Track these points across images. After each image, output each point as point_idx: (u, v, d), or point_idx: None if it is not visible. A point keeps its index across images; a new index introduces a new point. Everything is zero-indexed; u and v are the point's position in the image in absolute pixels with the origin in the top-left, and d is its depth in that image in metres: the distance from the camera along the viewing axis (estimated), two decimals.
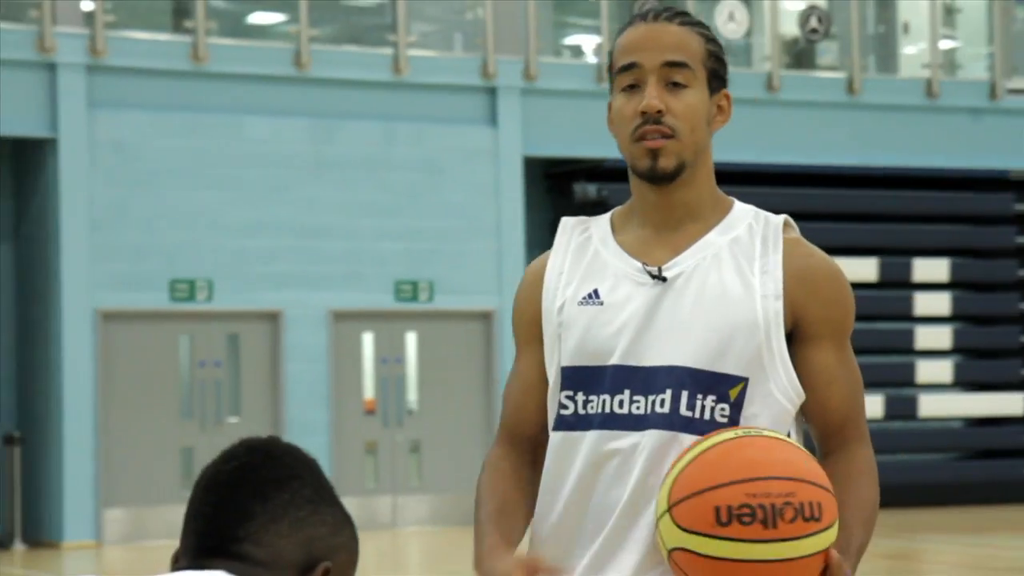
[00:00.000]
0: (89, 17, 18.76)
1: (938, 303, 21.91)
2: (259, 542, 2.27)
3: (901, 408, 21.42)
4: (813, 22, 22.12)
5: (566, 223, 3.16)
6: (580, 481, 2.97)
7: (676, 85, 2.96)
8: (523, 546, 3.06)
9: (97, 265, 18.40)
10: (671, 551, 2.73)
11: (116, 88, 18.72)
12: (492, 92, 20.31)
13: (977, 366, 22.11)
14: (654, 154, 2.94)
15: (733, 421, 2.88)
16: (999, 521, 18.98)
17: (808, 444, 3.00)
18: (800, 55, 22.43)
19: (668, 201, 3.00)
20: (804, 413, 2.98)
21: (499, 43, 20.36)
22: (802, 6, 22.16)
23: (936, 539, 17.74)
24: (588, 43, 21.91)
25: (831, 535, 2.71)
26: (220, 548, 2.28)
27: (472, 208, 20.07)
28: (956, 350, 22.06)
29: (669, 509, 2.72)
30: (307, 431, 18.83)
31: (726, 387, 2.89)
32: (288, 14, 20.22)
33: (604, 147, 20.30)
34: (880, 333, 21.52)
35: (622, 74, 2.99)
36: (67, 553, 17.81)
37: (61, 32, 18.50)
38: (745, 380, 2.90)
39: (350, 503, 12.88)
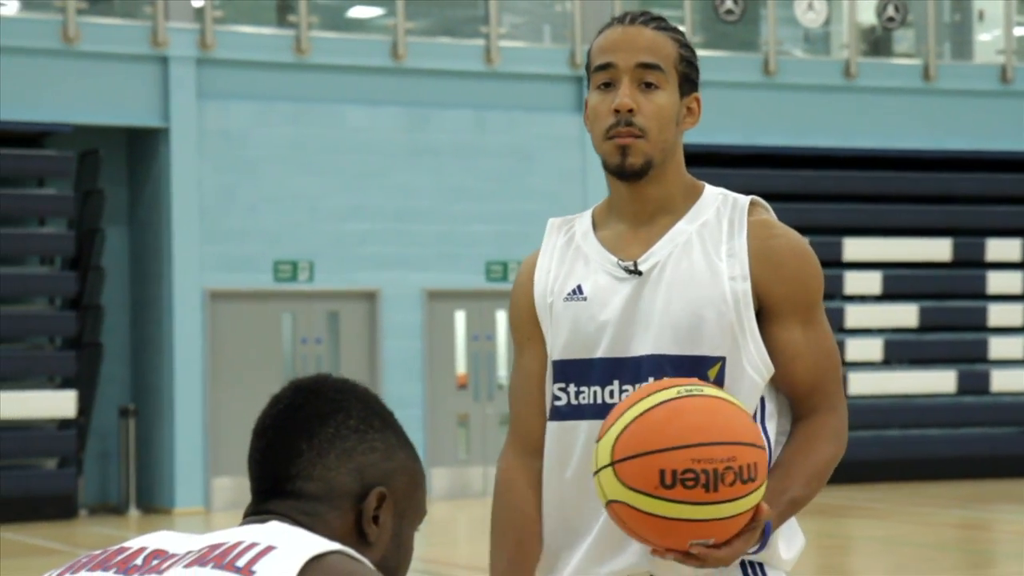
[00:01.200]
0: (199, 13, 18.89)
1: (1010, 282, 21.76)
2: (310, 477, 2.24)
3: (974, 383, 21.27)
4: (890, 11, 22.00)
5: (552, 224, 3.17)
6: (578, 469, 2.98)
7: (648, 86, 2.98)
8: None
9: (206, 248, 18.58)
10: (610, 502, 2.75)
11: (224, 80, 18.87)
12: (579, 81, 20.27)
13: None
14: (623, 151, 2.96)
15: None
16: None
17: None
18: (877, 43, 22.33)
19: (640, 196, 3.02)
20: (774, 384, 2.98)
21: (586, 33, 20.34)
22: None
23: (1007, 509, 17.63)
24: None
25: (762, 491, 2.75)
26: (275, 489, 2.26)
27: (559, 192, 20.01)
28: None
29: (612, 464, 2.72)
30: (402, 404, 18.70)
31: (704, 368, 2.91)
32: (385, 8, 20.30)
33: (687, 133, 20.36)
34: (954, 311, 21.45)
35: (598, 73, 3.02)
36: (178, 519, 17.90)
37: (173, 27, 18.63)
38: (722, 360, 2.92)
39: (443, 473, 13.20)
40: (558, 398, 3.03)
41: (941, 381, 21.11)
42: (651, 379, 2.91)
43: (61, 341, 18.55)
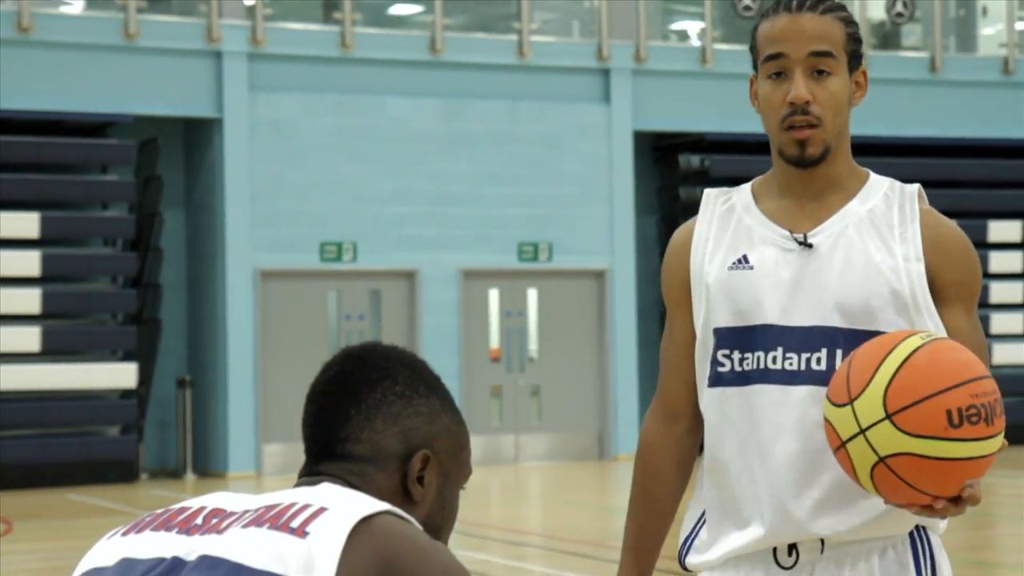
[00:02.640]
0: (250, 11, 18.95)
1: (1011, 261, 21.75)
2: (358, 440, 2.22)
3: None
4: (899, 7, 21.98)
5: (708, 194, 3.04)
6: (760, 432, 2.86)
7: (820, 73, 2.84)
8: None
9: (257, 230, 18.63)
10: (888, 457, 2.57)
11: (274, 73, 18.89)
12: (606, 73, 20.31)
13: None
14: (802, 144, 2.84)
15: None
16: None
17: None
18: (886, 37, 22.32)
19: (811, 176, 2.90)
20: None
21: (612, 29, 20.38)
22: None
23: (1007, 474, 17.59)
24: (692, 28, 21.87)
25: None
26: (326, 451, 2.24)
27: (587, 178, 20.06)
28: None
29: (889, 416, 2.56)
30: (439, 376, 19.02)
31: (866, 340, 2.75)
32: (424, 5, 20.30)
33: (706, 122, 20.44)
34: None
35: (768, 62, 2.86)
36: (232, 483, 17.94)
37: (226, 24, 18.71)
38: (874, 331, 2.79)
39: (477, 441, 13.27)
40: (721, 364, 2.91)
41: None
42: (824, 350, 2.81)
43: (123, 317, 18.59)
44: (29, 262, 17.89)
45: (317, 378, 2.27)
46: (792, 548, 2.87)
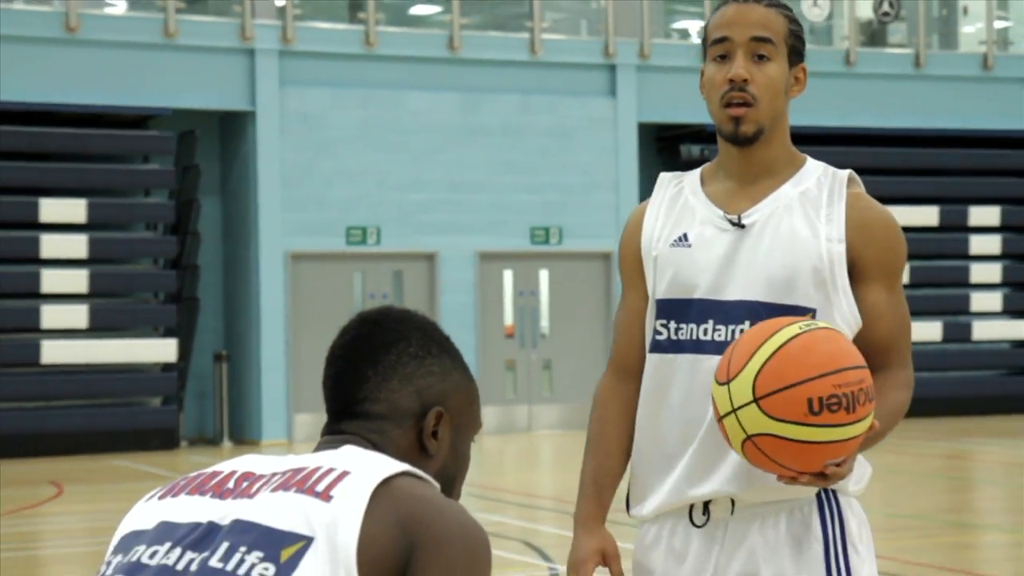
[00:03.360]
0: (281, 11, 18.95)
1: (990, 244, 21.71)
2: (376, 399, 2.20)
3: (957, 333, 21.25)
4: (885, 6, 21.94)
5: (663, 178, 3.06)
6: (675, 398, 2.91)
7: (760, 58, 2.86)
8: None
9: (287, 215, 18.64)
10: (754, 436, 2.61)
11: (303, 69, 18.88)
12: (612, 69, 20.28)
13: (1021, 296, 21.83)
14: (737, 121, 2.85)
15: None
16: None
17: None
18: (873, 35, 22.27)
19: (748, 158, 2.91)
20: (855, 339, 2.86)
21: (618, 27, 20.36)
22: None
23: (986, 442, 17.65)
24: (693, 27, 21.83)
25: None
26: (346, 411, 2.22)
27: (595, 166, 20.04)
28: (1005, 284, 21.82)
29: (756, 400, 2.59)
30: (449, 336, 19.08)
31: (797, 316, 2.79)
32: (443, 5, 20.32)
33: (706, 114, 20.30)
34: (940, 269, 21.43)
35: (715, 46, 2.89)
36: (265, 450, 17.85)
37: (258, 23, 18.70)
38: (813, 311, 2.83)
39: (493, 412, 13.41)
40: (659, 333, 2.94)
41: (929, 331, 21.10)
42: (747, 323, 2.84)
43: (164, 296, 18.61)
44: (77, 245, 17.92)
45: (335, 341, 2.26)
46: (705, 507, 2.91)
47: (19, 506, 12.84)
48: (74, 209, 17.93)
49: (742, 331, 2.82)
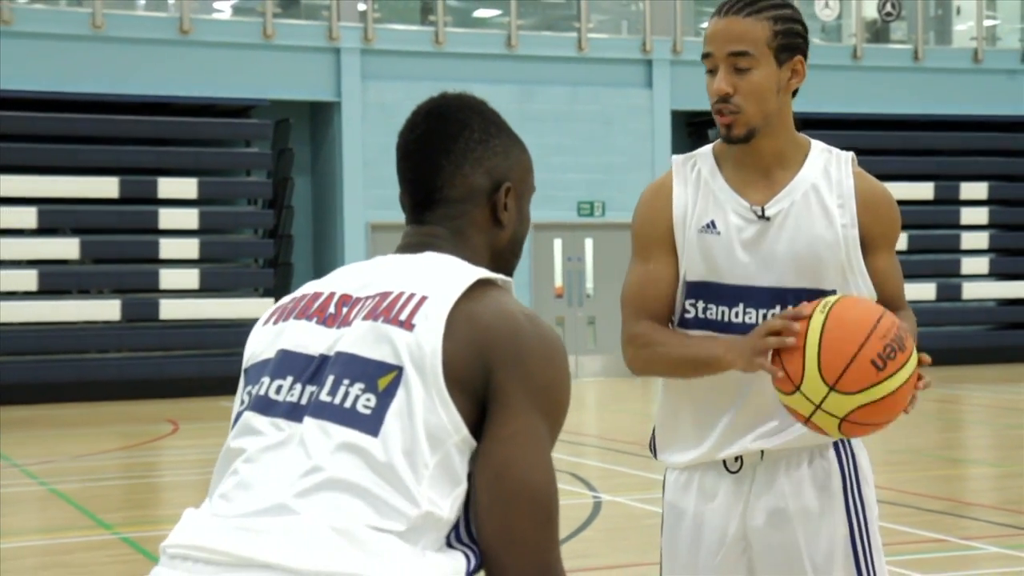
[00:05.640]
0: (363, 14, 18.95)
1: (979, 215, 21.58)
2: (453, 185, 2.09)
3: (949, 293, 21.15)
4: (888, 7, 21.74)
5: (676, 160, 2.88)
6: (712, 392, 2.82)
7: (741, 70, 2.70)
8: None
9: (368, 192, 18.63)
10: (847, 415, 2.53)
11: (381, 65, 18.88)
12: (649, 63, 20.23)
13: (1008, 261, 21.69)
14: (728, 127, 2.73)
15: None
16: (1022, 375, 18.81)
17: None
18: (877, 32, 22.09)
19: (755, 151, 2.77)
20: None
21: (654, 26, 20.29)
22: None
23: (974, 388, 17.58)
24: None
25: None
26: (428, 200, 2.10)
27: (633, 149, 19.98)
28: (992, 250, 21.67)
29: (832, 388, 2.51)
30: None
31: (813, 295, 2.73)
32: (502, 8, 20.28)
33: None
34: (934, 237, 21.30)
35: (704, 59, 2.75)
36: None
37: (343, 26, 18.72)
38: (834, 291, 2.74)
39: None
40: (687, 311, 2.82)
41: (924, 291, 21.00)
42: (777, 307, 2.74)
43: (263, 262, 18.71)
44: (189, 218, 18.02)
45: (405, 138, 2.12)
46: (738, 458, 2.85)
47: (141, 440, 13.02)
48: (187, 187, 18.02)
49: (773, 315, 2.72)
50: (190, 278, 17.93)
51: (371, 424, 1.84)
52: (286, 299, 2.08)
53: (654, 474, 10.14)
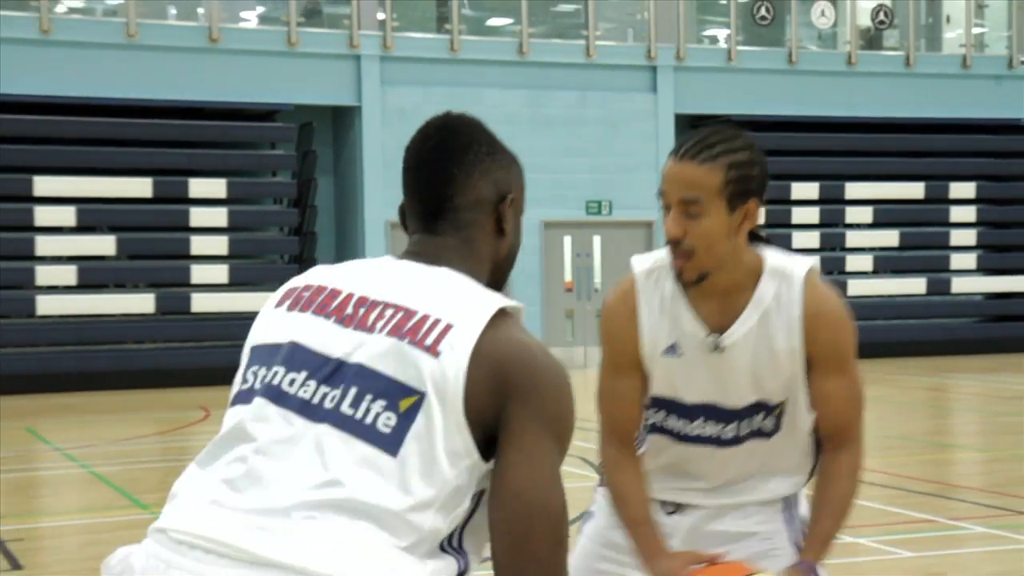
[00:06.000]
0: (382, 23, 18.98)
1: (967, 213, 21.56)
2: (464, 194, 2.08)
3: (939, 287, 21.12)
4: (881, 16, 21.75)
5: (639, 274, 2.76)
6: (663, 459, 2.84)
7: (692, 215, 2.57)
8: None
9: (387, 192, 18.63)
10: None
11: (399, 71, 18.90)
12: (653, 69, 20.24)
13: (995, 257, 21.68)
14: (679, 271, 2.63)
15: (778, 427, 2.73)
16: (1008, 365, 18.80)
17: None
18: (871, 39, 22.09)
19: (710, 284, 2.66)
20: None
21: (658, 35, 20.30)
22: (873, 4, 21.84)
23: (962, 377, 17.57)
24: (720, 34, 21.73)
25: None
26: (439, 208, 2.08)
27: (638, 150, 19.97)
28: (979, 246, 21.65)
29: None
30: (527, 302, 18.82)
31: (761, 411, 2.72)
32: (513, 17, 20.32)
33: (730, 106, 20.37)
34: (925, 234, 21.30)
35: (659, 197, 2.62)
36: None
37: (364, 34, 18.75)
38: (783, 404, 2.72)
39: (555, 352, 13.41)
40: (650, 418, 2.81)
41: (915, 286, 21.02)
42: (735, 423, 2.74)
43: (288, 257, 18.71)
44: (219, 216, 18.06)
45: (417, 148, 2.10)
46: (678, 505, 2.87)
47: (175, 426, 13.06)
48: (216, 187, 18.07)
49: (730, 428, 2.73)
50: (220, 273, 17.97)
51: (391, 444, 1.84)
52: (298, 283, 2.05)
53: None
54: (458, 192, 2.07)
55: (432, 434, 1.85)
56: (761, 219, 2.70)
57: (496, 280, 2.10)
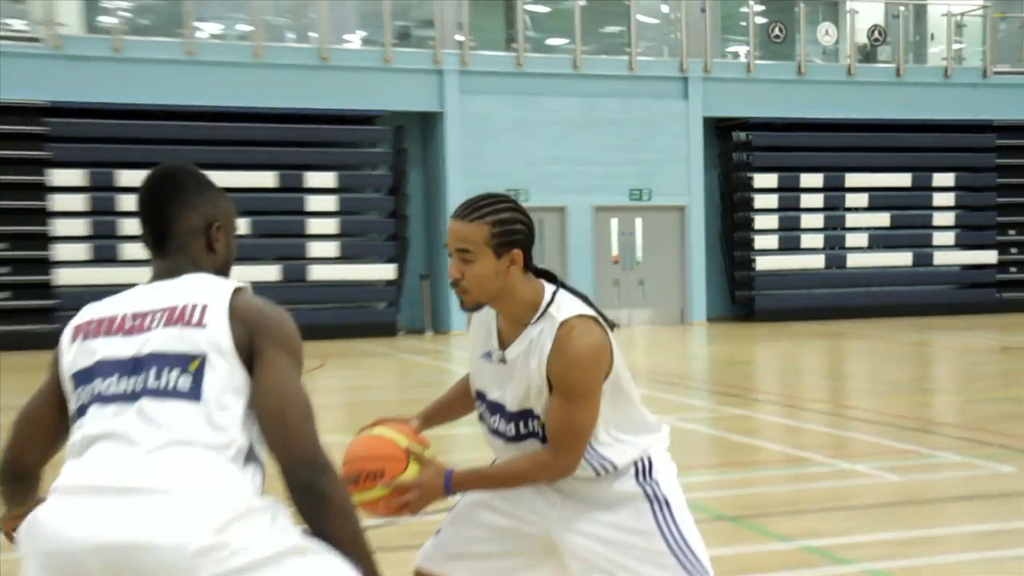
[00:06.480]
0: (460, 43, 18.93)
1: (947, 199, 21.31)
2: (179, 222, 2.23)
3: (923, 259, 20.85)
4: (876, 34, 21.51)
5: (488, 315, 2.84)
6: (488, 445, 2.90)
7: (466, 261, 2.64)
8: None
9: (466, 182, 18.57)
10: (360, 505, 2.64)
11: (474, 83, 18.80)
12: (685, 80, 20.06)
13: (970, 235, 21.36)
14: (461, 301, 2.70)
15: (534, 432, 2.74)
16: (979, 324, 18.61)
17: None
18: (867, 54, 21.86)
19: (499, 309, 2.74)
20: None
21: (689, 51, 20.13)
22: (869, 25, 21.61)
23: (942, 335, 17.42)
24: (741, 50, 21.60)
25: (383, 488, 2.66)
26: (164, 235, 2.24)
27: (672, 147, 19.83)
28: (957, 226, 21.38)
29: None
30: (581, 274, 18.92)
31: (529, 417, 2.74)
32: (569, 38, 20.26)
33: (749, 110, 20.27)
34: (912, 216, 21.01)
35: (445, 246, 2.79)
36: (452, 337, 17.95)
37: (445, 52, 18.71)
38: (531, 410, 2.73)
39: (606, 311, 13.38)
40: (478, 408, 2.90)
41: (902, 259, 20.88)
42: (518, 422, 2.77)
43: (386, 235, 18.71)
44: (330, 203, 18.12)
45: (145, 191, 2.24)
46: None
47: None
48: (328, 179, 18.15)
49: (509, 426, 2.76)
50: (331, 249, 18.09)
51: (192, 395, 2.04)
52: (81, 320, 2.20)
53: (693, 400, 10.30)
54: (175, 224, 2.22)
55: (218, 379, 2.06)
56: (773, 204, 2.80)
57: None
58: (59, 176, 16.92)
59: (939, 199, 21.21)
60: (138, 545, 1.90)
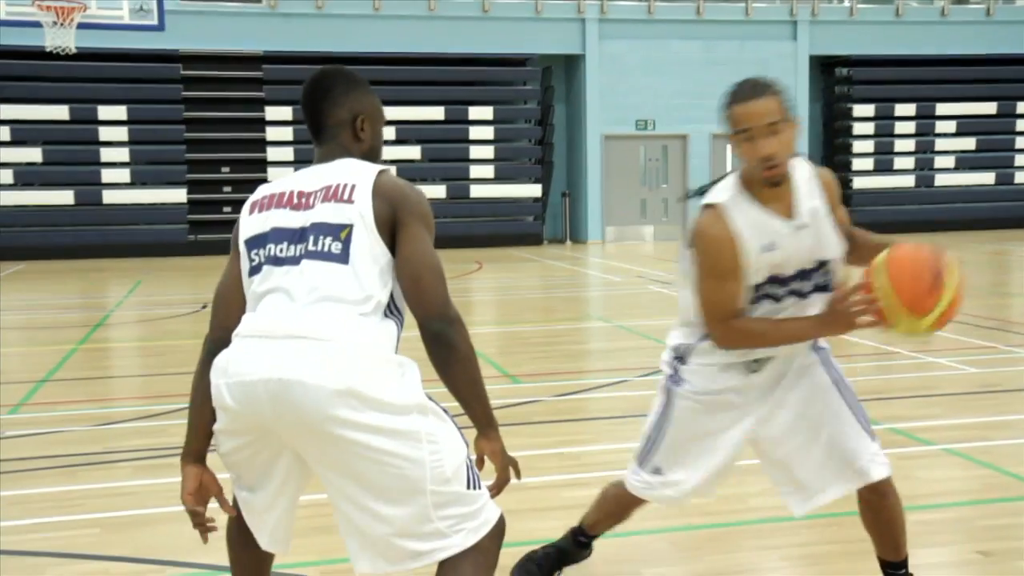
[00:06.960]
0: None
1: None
2: (331, 115, 2.23)
3: (1004, 178, 19.59)
4: None
5: (724, 204, 2.55)
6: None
7: (775, 133, 2.40)
8: None
9: (603, 113, 18.44)
10: (931, 326, 2.36)
11: (612, 29, 18.47)
12: (794, 23, 19.21)
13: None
14: (770, 177, 2.43)
15: (828, 283, 2.52)
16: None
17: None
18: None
19: (781, 178, 2.48)
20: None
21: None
22: None
23: (1020, 246, 16.44)
24: None
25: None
26: (321, 126, 2.24)
27: (784, 82, 19.10)
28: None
29: (919, 318, 2.36)
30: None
31: (825, 264, 2.56)
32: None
33: (851, 48, 19.27)
34: (995, 140, 19.72)
35: (739, 133, 2.46)
36: (589, 246, 18.03)
37: (587, 3, 18.27)
38: (830, 261, 2.52)
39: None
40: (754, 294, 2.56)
41: (986, 178, 19.63)
42: (808, 281, 2.53)
43: (534, 159, 18.63)
44: (488, 132, 17.94)
45: (305, 91, 2.23)
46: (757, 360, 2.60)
47: (460, 274, 13.28)
48: (486, 112, 17.99)
49: (804, 284, 2.52)
50: (488, 171, 18.14)
51: (342, 258, 2.07)
52: (257, 197, 2.21)
53: None
54: (326, 118, 2.22)
55: (363, 245, 2.08)
56: (870, 131, 2.59)
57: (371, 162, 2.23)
58: (272, 112, 17.38)
59: (1021, 125, 19.81)
60: (292, 380, 1.99)
